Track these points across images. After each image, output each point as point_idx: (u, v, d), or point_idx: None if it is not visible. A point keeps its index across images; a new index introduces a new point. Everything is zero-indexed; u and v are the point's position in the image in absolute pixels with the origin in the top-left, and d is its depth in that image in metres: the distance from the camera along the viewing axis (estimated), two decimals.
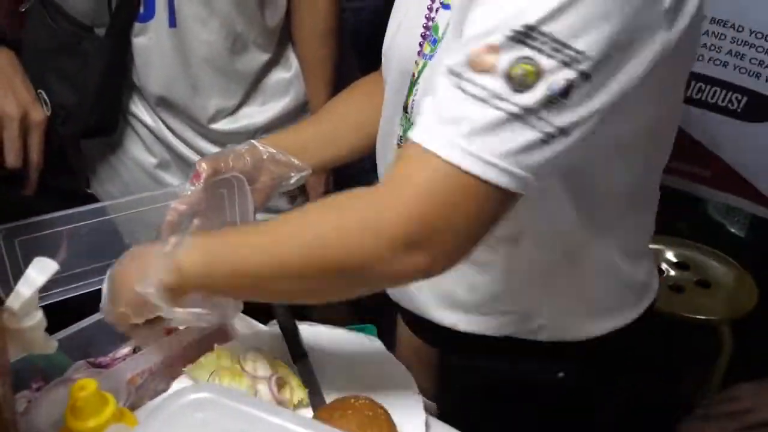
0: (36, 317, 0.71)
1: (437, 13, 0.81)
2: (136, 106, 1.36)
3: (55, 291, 0.90)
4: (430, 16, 0.82)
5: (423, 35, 0.83)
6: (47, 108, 1.28)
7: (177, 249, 0.82)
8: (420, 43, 0.83)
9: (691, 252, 2.00)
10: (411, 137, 0.69)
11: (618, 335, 0.95)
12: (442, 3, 0.80)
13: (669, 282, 1.92)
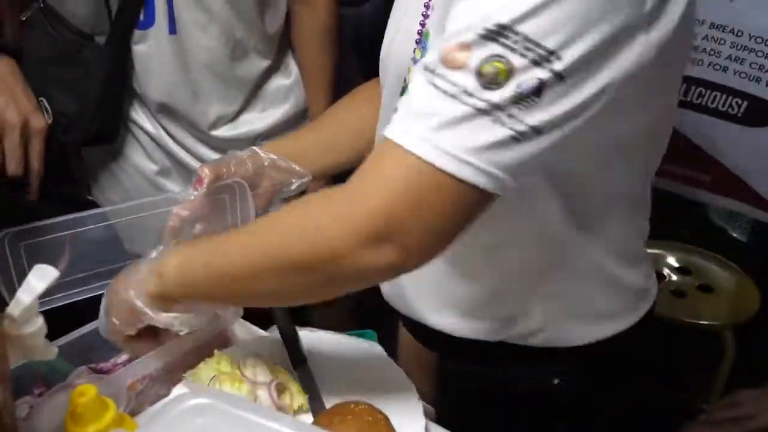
0: (36, 324, 0.71)
1: (429, 20, 0.81)
2: (136, 113, 1.37)
3: (57, 296, 0.90)
4: (423, 22, 0.82)
5: (417, 41, 0.83)
6: (48, 116, 1.29)
7: (161, 256, 0.83)
8: (414, 50, 0.84)
9: (693, 257, 1.99)
10: (384, 133, 0.69)
11: (615, 341, 0.94)
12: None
13: (671, 287, 1.91)
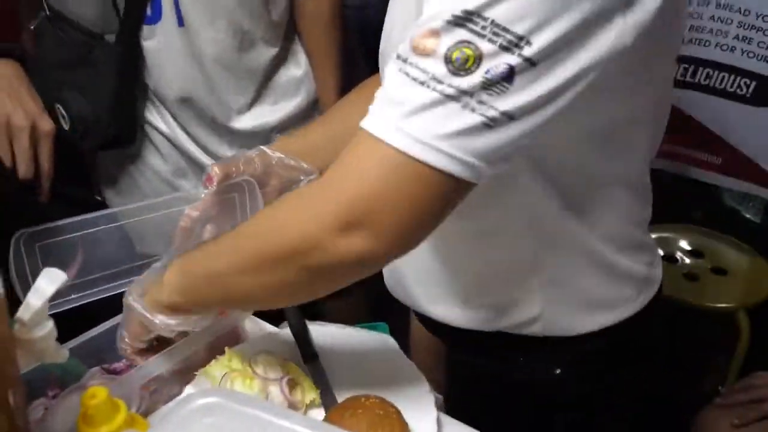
0: (46, 327, 0.72)
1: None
2: (150, 113, 1.38)
3: (69, 298, 0.91)
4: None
5: None
6: (66, 123, 1.29)
7: (166, 265, 0.85)
8: None
9: (706, 239, 1.97)
10: (360, 124, 0.69)
11: (616, 330, 0.94)
12: None
13: (683, 270, 1.89)
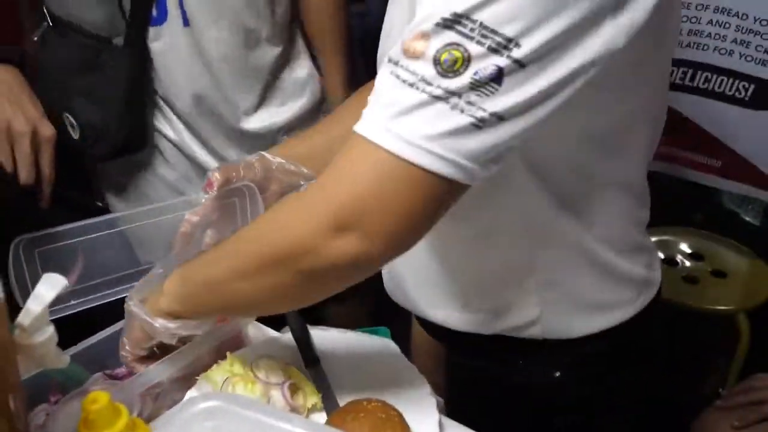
0: (47, 333, 0.71)
1: None
2: (158, 121, 1.37)
3: (70, 304, 0.91)
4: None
5: None
6: (75, 131, 1.29)
7: (168, 272, 0.86)
8: None
9: (706, 242, 1.97)
10: (353, 127, 0.70)
11: (615, 332, 0.94)
12: None
13: (683, 273, 1.90)
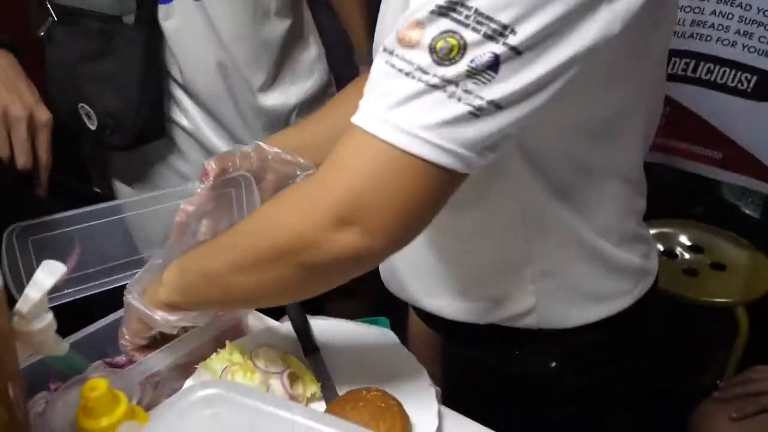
0: (45, 320, 0.71)
1: None
2: (172, 111, 1.37)
3: (67, 291, 0.90)
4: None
5: None
6: (92, 122, 1.29)
7: (166, 261, 0.85)
8: None
9: (705, 235, 1.98)
10: (351, 119, 0.69)
11: (613, 322, 0.94)
12: None
13: (683, 266, 1.90)
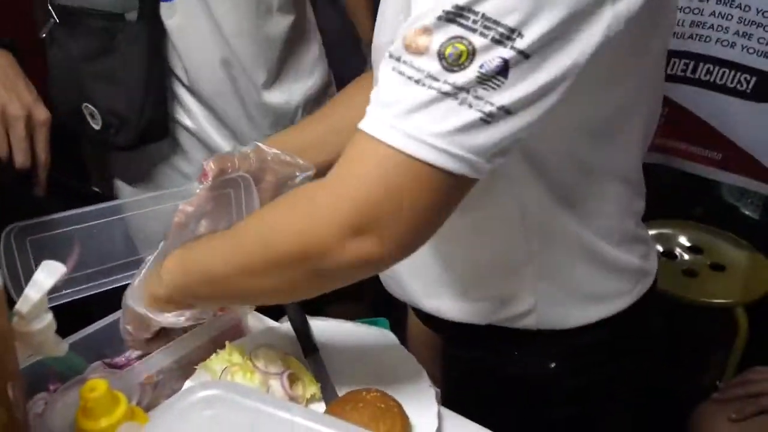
0: (45, 320, 0.71)
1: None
2: (176, 111, 1.36)
3: (66, 292, 0.90)
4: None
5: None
6: (97, 122, 1.28)
7: (161, 257, 0.85)
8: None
9: (705, 235, 1.98)
10: (358, 125, 0.69)
11: (613, 322, 0.94)
12: None
13: (683, 267, 1.90)
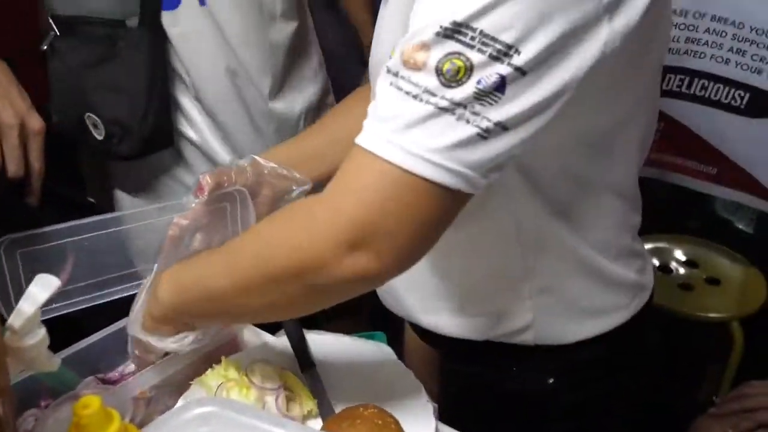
0: (38, 335, 0.70)
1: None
2: (179, 122, 1.36)
3: (58, 305, 0.89)
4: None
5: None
6: (99, 132, 1.28)
7: (156, 280, 0.85)
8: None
9: (700, 249, 1.98)
10: (355, 140, 0.69)
11: (610, 337, 0.93)
12: None
13: (678, 281, 1.90)
